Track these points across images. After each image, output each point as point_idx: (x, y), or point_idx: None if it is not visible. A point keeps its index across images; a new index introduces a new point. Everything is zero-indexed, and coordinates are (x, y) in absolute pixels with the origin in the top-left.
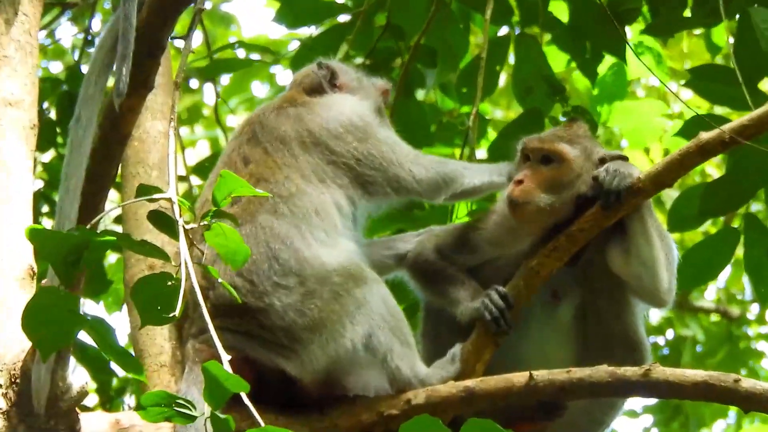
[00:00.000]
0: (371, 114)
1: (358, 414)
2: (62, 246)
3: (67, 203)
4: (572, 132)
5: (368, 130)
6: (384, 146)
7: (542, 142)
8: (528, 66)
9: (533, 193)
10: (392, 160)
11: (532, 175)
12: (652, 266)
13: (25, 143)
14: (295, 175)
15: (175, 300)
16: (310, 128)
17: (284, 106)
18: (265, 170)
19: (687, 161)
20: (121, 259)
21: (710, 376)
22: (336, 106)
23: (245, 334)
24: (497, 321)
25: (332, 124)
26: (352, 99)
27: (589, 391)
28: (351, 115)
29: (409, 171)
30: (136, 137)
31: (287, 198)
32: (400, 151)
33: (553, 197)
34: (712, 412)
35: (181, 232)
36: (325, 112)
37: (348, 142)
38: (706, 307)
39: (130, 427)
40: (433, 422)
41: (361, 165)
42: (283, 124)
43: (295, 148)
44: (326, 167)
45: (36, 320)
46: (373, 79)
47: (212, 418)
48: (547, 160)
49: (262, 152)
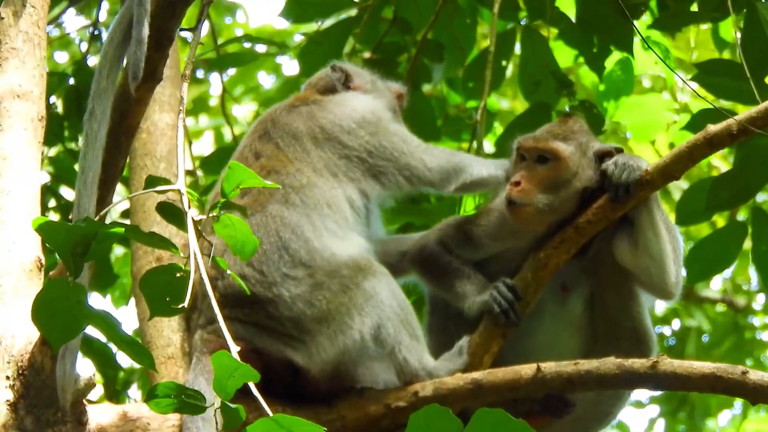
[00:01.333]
0: (384, 110)
1: (365, 406)
2: (70, 237)
3: (85, 198)
4: (567, 128)
5: (380, 125)
6: (395, 137)
7: (537, 141)
8: (535, 61)
9: (531, 195)
10: (403, 150)
11: (528, 176)
12: (659, 259)
13: (33, 135)
14: (307, 169)
15: (183, 291)
16: (322, 124)
17: (296, 105)
18: (276, 163)
19: (695, 153)
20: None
21: (718, 368)
22: (349, 102)
23: (254, 325)
24: (506, 313)
25: (345, 121)
26: (365, 97)
27: (597, 383)
28: (363, 111)
29: (420, 159)
30: (144, 129)
31: (298, 189)
32: (411, 142)
33: (551, 197)
34: (718, 403)
35: (190, 223)
36: (338, 109)
37: (360, 136)
38: (712, 298)
39: (137, 418)
40: (443, 412)
41: (373, 157)
42: (295, 120)
43: (307, 143)
44: (338, 161)
45: (45, 312)
46: (388, 83)
47: (222, 408)
48: (543, 159)
49: (274, 147)
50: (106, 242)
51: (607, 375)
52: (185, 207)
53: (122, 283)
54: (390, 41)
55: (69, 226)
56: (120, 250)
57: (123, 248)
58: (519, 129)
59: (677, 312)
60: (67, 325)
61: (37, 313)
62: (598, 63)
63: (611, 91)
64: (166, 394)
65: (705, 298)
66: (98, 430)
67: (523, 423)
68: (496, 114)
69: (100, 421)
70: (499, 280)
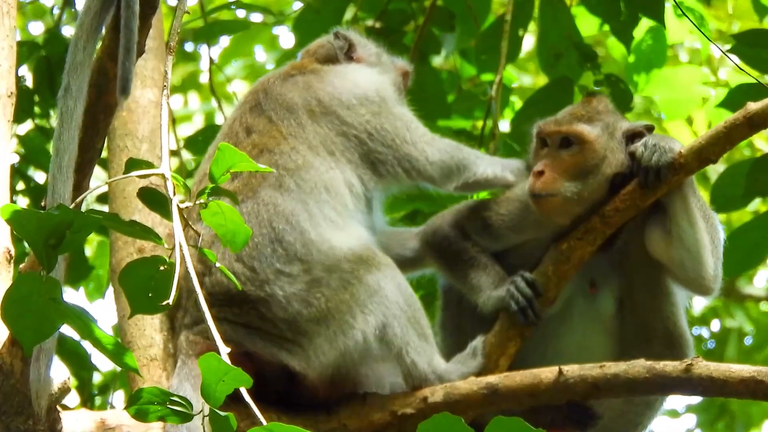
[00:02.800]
0: (389, 88)
1: (369, 413)
2: (43, 227)
3: (59, 182)
4: (591, 109)
5: (383, 105)
6: (398, 122)
7: (559, 124)
8: (555, 30)
9: (556, 184)
10: (406, 138)
11: (552, 164)
12: (695, 250)
13: (2, 113)
14: (302, 146)
15: (168, 286)
16: (319, 97)
17: (292, 74)
18: (269, 140)
19: (734, 134)
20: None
21: (759, 371)
22: (350, 75)
23: (244, 326)
24: (524, 311)
25: (345, 95)
26: (369, 70)
27: (625, 388)
28: (366, 86)
29: (422, 151)
30: (125, 107)
31: (293, 171)
32: (415, 129)
33: (579, 185)
34: (761, 412)
35: (175, 211)
36: (338, 81)
37: (361, 114)
38: (756, 295)
39: (116, 426)
40: (454, 421)
41: (373, 140)
42: (289, 91)
43: (303, 116)
44: (336, 139)
45: (16, 310)
46: (393, 58)
47: (211, 416)
48: (567, 144)
49: (266, 121)
50: (82, 232)
51: (636, 379)
52: (170, 193)
53: (97, 274)
54: (395, 8)
55: (41, 215)
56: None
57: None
58: (538, 106)
59: (716, 311)
60: (40, 325)
61: (7, 311)
62: (625, 32)
63: (641, 63)
64: (149, 401)
65: (747, 296)
66: None
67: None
68: (513, 89)
69: (76, 430)
70: (517, 274)
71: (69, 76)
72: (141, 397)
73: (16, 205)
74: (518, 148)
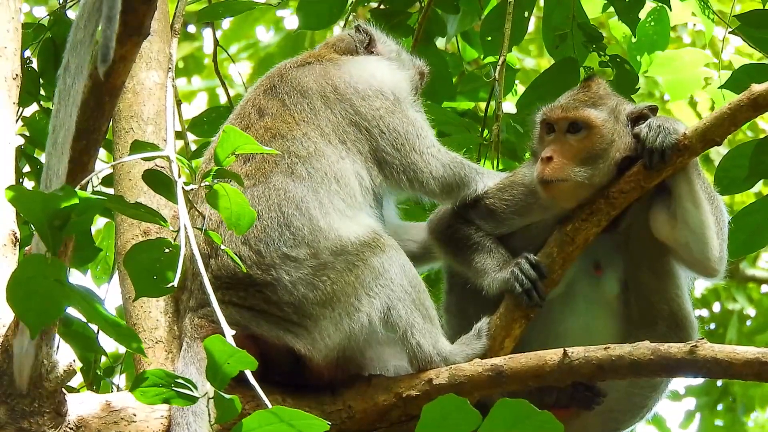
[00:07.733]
0: (406, 87)
1: (374, 395)
2: (47, 208)
3: (54, 158)
4: (593, 93)
5: (397, 104)
6: (410, 127)
7: (565, 110)
8: (560, 11)
9: (566, 169)
10: (415, 145)
11: (560, 149)
12: (700, 232)
13: (7, 95)
14: (314, 133)
15: (173, 268)
16: (335, 83)
17: (310, 61)
18: (282, 125)
19: (738, 116)
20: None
21: (763, 353)
22: (369, 66)
23: (250, 309)
24: (529, 293)
25: (361, 84)
26: (387, 64)
27: (630, 370)
28: (383, 79)
29: (428, 163)
30: (130, 89)
31: (305, 158)
32: (425, 138)
33: (589, 169)
34: (763, 395)
35: (180, 193)
36: (356, 70)
37: (375, 107)
38: (759, 277)
39: (122, 409)
40: (459, 402)
41: (384, 138)
42: (305, 76)
43: (316, 102)
44: (348, 128)
45: (21, 292)
46: (412, 57)
47: (216, 398)
48: (574, 129)
49: (280, 104)
50: (88, 214)
51: (640, 361)
52: (175, 175)
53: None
54: None
55: (46, 196)
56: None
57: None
58: (543, 88)
59: (717, 293)
60: (46, 307)
61: (12, 293)
62: (630, 14)
63: (644, 44)
64: (154, 383)
65: (751, 277)
66: (78, 421)
67: (548, 415)
68: (517, 71)
69: (81, 412)
70: (521, 256)
71: (69, 54)
72: (146, 379)
73: (21, 185)
74: (521, 130)
